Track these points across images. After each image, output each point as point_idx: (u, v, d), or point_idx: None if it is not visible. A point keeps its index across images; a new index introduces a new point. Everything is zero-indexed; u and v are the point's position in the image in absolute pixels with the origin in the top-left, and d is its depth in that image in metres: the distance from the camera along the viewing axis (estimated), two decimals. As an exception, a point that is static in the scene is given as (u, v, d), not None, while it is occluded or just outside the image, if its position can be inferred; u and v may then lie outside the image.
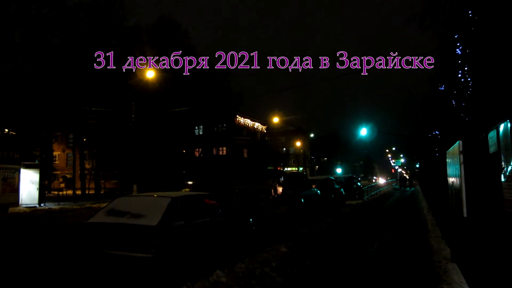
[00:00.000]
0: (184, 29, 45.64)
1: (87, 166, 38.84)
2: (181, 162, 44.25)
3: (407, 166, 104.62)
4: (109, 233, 6.72)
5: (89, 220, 7.32)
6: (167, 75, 34.75)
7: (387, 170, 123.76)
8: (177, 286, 5.83)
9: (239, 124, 56.64)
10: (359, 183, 33.49)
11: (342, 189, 22.66)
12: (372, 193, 32.20)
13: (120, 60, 35.71)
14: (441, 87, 18.32)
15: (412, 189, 46.88)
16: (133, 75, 32.08)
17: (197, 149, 52.21)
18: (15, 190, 22.53)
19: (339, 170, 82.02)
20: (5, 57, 32.15)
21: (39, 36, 33.41)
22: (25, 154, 25.54)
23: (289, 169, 70.65)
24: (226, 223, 8.79)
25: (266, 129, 66.46)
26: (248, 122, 59.38)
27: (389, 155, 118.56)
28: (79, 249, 6.98)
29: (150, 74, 28.53)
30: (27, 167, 23.55)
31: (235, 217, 9.57)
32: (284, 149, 79.57)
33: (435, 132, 23.78)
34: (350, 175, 35.61)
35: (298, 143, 76.86)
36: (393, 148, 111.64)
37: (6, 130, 27.38)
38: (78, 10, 36.90)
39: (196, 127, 52.54)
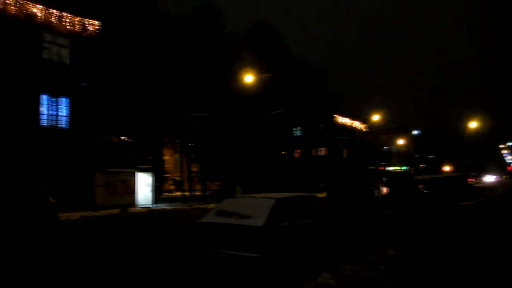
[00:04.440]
0: (278, 32, 46.35)
1: (194, 169, 41.15)
2: (281, 163, 44.79)
3: None
4: (219, 233, 7.07)
5: (200, 220, 7.75)
6: (264, 78, 35.50)
7: (502, 167, 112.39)
8: (285, 287, 5.93)
9: (338, 124, 55.72)
10: (471, 182, 30.97)
11: (451, 189, 21.14)
12: (488, 193, 29.56)
13: (219, 66, 37.36)
14: None
15: None
16: (232, 81, 33.29)
17: (296, 150, 52.47)
18: (132, 192, 24.71)
19: (447, 169, 76.57)
20: (120, 72, 35.43)
21: (147, 50, 36.21)
22: (140, 159, 27.82)
23: (391, 168, 67.73)
24: (331, 224, 8.73)
25: (366, 127, 64.49)
26: (347, 121, 58.14)
27: (504, 151, 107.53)
28: (192, 247, 7.46)
29: (248, 78, 29.34)
30: (142, 170, 25.66)
31: (339, 218, 9.46)
32: (386, 147, 76.49)
33: None
34: (460, 173, 33.08)
35: (401, 141, 73.34)
36: (509, 144, 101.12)
37: (123, 137, 30.08)
38: (181, 22, 39.31)
39: (295, 128, 52.81)
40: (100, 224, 16.83)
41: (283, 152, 47.61)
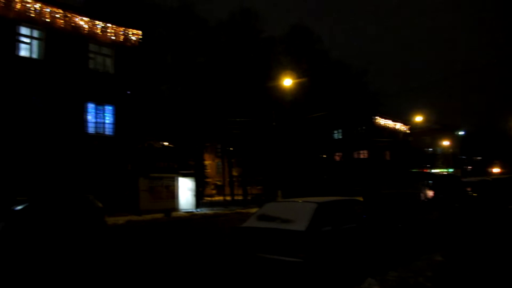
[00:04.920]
0: (316, 35, 46.06)
1: (234, 173, 41.56)
2: (322, 167, 44.39)
3: None
4: (261, 237, 7.08)
5: (243, 224, 7.79)
6: (303, 81, 35.37)
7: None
8: (329, 292, 5.86)
9: (379, 126, 54.60)
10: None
11: (502, 192, 20.14)
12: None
13: (258, 71, 37.58)
14: None
15: None
16: (271, 85, 33.39)
17: (336, 153, 51.86)
18: (175, 196, 25.22)
19: (496, 170, 73.20)
20: (161, 79, 36.34)
21: (186, 57, 36.95)
22: (181, 164, 28.37)
23: (436, 170, 65.58)
24: (374, 229, 8.55)
25: (408, 129, 62.83)
26: (389, 123, 56.86)
27: None
28: (235, 251, 7.51)
29: (287, 82, 29.30)
30: (184, 175, 26.16)
31: (383, 222, 9.25)
32: (429, 149, 74.15)
33: None
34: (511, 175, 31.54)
35: (446, 142, 70.89)
36: None
37: (165, 143, 30.82)
38: (218, 29, 39.87)
39: (335, 131, 52.27)
40: (145, 228, 17.26)
41: (323, 156, 47.19)
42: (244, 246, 7.25)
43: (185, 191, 25.94)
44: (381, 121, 55.08)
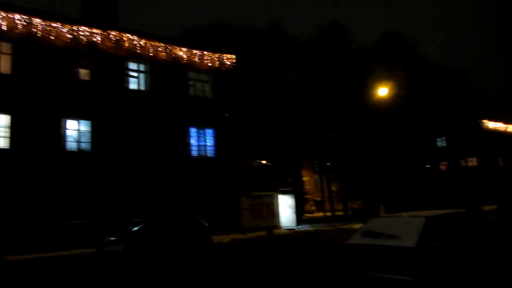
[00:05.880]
0: (411, 40, 44.19)
1: (333, 188, 40.95)
2: (426, 177, 41.92)
3: None
4: (368, 255, 6.89)
5: (347, 241, 7.66)
6: (399, 89, 34.02)
7: None
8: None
9: (488, 130, 50.22)
10: None
11: None
12: None
13: (351, 83, 36.98)
14: None
15: None
16: (365, 95, 32.63)
17: (441, 163, 48.65)
18: (276, 214, 25.52)
19: None
20: (256, 99, 37.50)
21: (279, 75, 37.73)
22: (280, 182, 28.73)
23: None
24: (492, 245, 7.85)
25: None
26: (500, 125, 52.06)
27: None
28: (341, 269, 7.39)
29: (382, 91, 28.35)
30: (283, 193, 26.40)
31: (502, 238, 8.46)
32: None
33: None
34: None
35: None
36: None
37: (263, 161, 31.53)
38: (308, 44, 40.17)
39: (439, 139, 49.14)
40: (249, 246, 17.67)
41: (426, 166, 44.58)
42: (351, 264, 7.11)
43: (285, 208, 26.13)
44: (490, 124, 50.59)
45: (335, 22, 41.22)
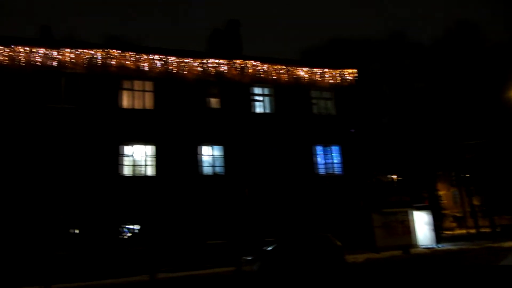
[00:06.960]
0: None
1: (475, 202, 37.09)
2: None
3: None
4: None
5: (502, 262, 6.85)
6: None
7: None
8: None
9: None
10: None
11: None
12: None
13: (488, 85, 33.56)
14: None
15: None
16: (507, 97, 29.28)
17: None
18: (410, 231, 24.00)
19: None
20: (380, 111, 36.17)
21: (403, 85, 35.91)
22: (413, 197, 27.03)
23: None
24: None
25: None
26: None
27: None
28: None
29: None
30: (418, 209, 24.79)
31: None
32: None
33: None
34: None
35: None
36: None
37: (394, 176, 30.07)
38: (434, 48, 37.64)
39: None
40: (385, 266, 16.79)
41: None
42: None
43: (421, 225, 24.43)
44: None
45: (464, 21, 38.09)
